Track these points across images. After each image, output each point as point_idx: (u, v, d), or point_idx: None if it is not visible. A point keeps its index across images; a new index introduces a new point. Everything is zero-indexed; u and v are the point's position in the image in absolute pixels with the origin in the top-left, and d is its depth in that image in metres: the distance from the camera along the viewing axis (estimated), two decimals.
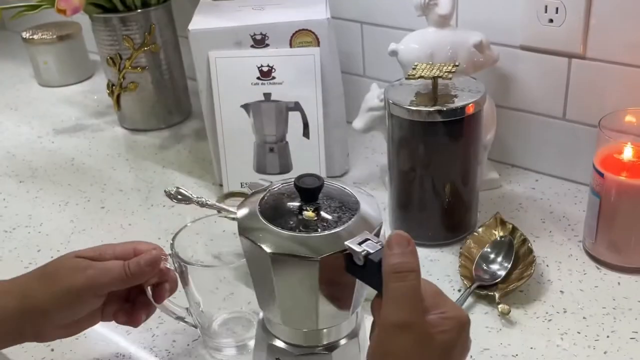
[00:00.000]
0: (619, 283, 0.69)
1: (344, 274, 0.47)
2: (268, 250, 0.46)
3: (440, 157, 0.74)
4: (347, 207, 0.49)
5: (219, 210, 0.78)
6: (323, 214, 0.48)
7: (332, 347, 0.52)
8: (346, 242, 0.45)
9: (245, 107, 0.86)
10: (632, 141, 0.68)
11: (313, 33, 0.84)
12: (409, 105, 0.71)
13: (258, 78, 0.85)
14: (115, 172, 1.00)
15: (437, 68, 0.71)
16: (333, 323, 0.51)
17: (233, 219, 0.77)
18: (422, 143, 0.73)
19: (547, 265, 0.72)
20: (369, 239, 0.46)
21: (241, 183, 0.88)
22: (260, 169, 0.88)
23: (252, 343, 0.60)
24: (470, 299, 0.68)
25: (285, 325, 0.51)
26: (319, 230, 0.47)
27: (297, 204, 0.49)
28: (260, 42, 0.85)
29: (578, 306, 0.67)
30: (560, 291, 0.69)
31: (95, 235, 0.85)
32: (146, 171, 1.00)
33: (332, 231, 0.47)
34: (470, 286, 0.68)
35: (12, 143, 1.12)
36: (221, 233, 0.82)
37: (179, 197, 0.76)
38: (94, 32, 1.07)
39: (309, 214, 0.48)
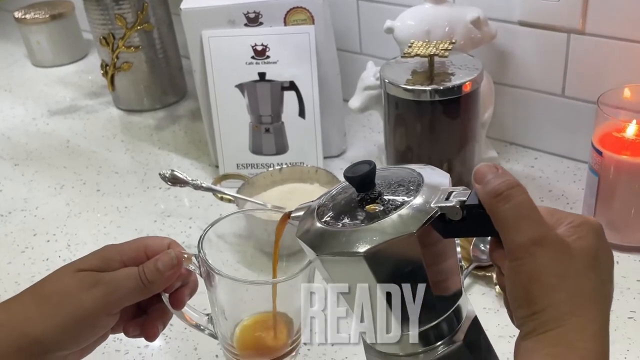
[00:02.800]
0: (617, 262, 0.68)
1: (442, 244, 0.41)
2: (361, 250, 0.39)
3: (438, 136, 0.73)
4: (409, 180, 0.43)
5: (215, 192, 0.78)
6: (387, 197, 0.42)
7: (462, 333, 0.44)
8: (432, 204, 0.39)
9: (240, 87, 0.85)
10: (631, 118, 0.67)
11: (307, 10, 0.82)
12: (405, 84, 0.70)
13: (252, 57, 0.84)
14: (110, 154, 0.99)
15: (433, 45, 0.70)
16: (450, 305, 0.44)
17: (230, 200, 0.77)
18: (418, 122, 0.72)
19: None
20: (452, 191, 0.40)
21: (237, 164, 0.87)
22: (256, 149, 0.87)
23: None
24: (467, 280, 0.68)
25: (407, 331, 0.43)
26: (395, 211, 0.40)
27: (356, 199, 0.42)
28: (253, 20, 0.83)
29: None
30: None
31: (92, 218, 0.84)
32: (142, 153, 0.99)
33: (410, 204, 0.40)
34: (468, 267, 0.68)
35: (6, 125, 1.11)
36: (218, 217, 0.82)
37: (174, 180, 0.75)
38: (86, 12, 1.06)
39: (371, 207, 0.41)
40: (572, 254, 0.37)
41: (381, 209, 0.41)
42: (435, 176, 0.43)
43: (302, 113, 0.85)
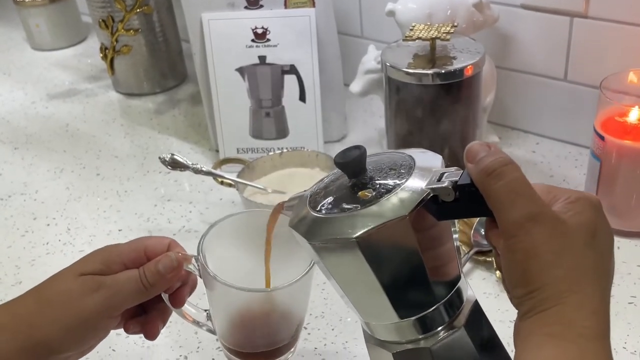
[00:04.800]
0: (618, 247, 0.69)
1: (437, 228, 0.41)
2: (353, 235, 0.38)
3: (439, 120, 0.72)
4: (401, 163, 0.42)
5: (215, 177, 0.77)
6: (379, 181, 0.41)
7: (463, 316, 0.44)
8: (424, 186, 0.39)
9: (240, 70, 0.84)
10: (634, 103, 0.67)
11: None
12: (407, 68, 0.69)
13: (252, 40, 0.83)
14: (110, 138, 0.99)
15: (435, 29, 0.70)
16: (449, 290, 0.43)
17: (230, 185, 0.77)
18: (420, 106, 0.72)
19: None
20: (444, 172, 0.39)
21: (237, 149, 0.87)
22: (257, 134, 0.86)
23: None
24: (468, 265, 0.68)
25: (406, 317, 0.42)
26: (387, 195, 0.39)
27: (348, 185, 0.42)
28: (254, 3, 0.82)
29: None
30: None
31: (91, 202, 0.84)
32: (141, 137, 0.98)
33: (402, 187, 0.39)
34: (469, 252, 0.68)
35: (6, 109, 1.10)
36: (218, 201, 0.82)
37: (174, 164, 0.75)
38: None
39: (363, 193, 0.41)
40: (569, 230, 0.36)
41: (373, 194, 0.40)
42: (428, 158, 0.42)
43: (302, 97, 0.84)
